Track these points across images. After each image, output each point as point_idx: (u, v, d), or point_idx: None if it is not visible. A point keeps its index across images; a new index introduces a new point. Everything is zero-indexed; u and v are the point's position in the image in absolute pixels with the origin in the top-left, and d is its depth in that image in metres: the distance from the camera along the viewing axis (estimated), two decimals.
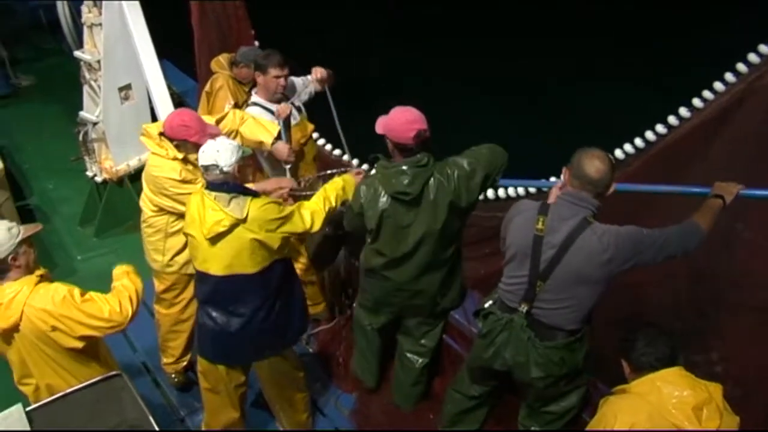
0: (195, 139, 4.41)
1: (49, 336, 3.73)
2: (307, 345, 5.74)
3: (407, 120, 3.99)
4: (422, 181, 4.01)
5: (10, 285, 3.70)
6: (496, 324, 3.95)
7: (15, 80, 11.02)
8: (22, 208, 7.52)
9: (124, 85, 6.87)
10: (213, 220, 3.86)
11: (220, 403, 4.50)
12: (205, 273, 4.04)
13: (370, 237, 4.26)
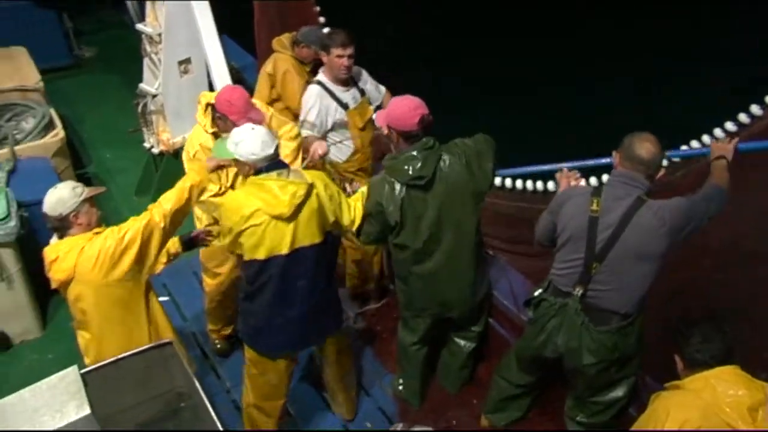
0: (234, 118, 4.47)
1: (103, 284, 3.87)
2: (355, 323, 5.77)
3: (410, 107, 4.05)
4: (433, 162, 4.06)
5: (67, 240, 3.87)
6: (548, 310, 3.95)
7: (78, 51, 11.26)
8: (80, 176, 7.66)
9: (183, 59, 6.94)
10: (290, 194, 3.84)
11: (270, 389, 4.51)
12: (273, 257, 3.95)
13: (393, 233, 4.26)
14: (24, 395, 3.28)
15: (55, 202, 3.85)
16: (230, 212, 3.90)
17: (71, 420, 3.14)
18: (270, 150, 3.88)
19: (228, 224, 3.91)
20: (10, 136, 6.76)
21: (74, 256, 3.83)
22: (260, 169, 3.91)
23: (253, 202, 3.85)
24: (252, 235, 3.90)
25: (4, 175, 6.08)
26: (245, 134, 3.89)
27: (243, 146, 3.87)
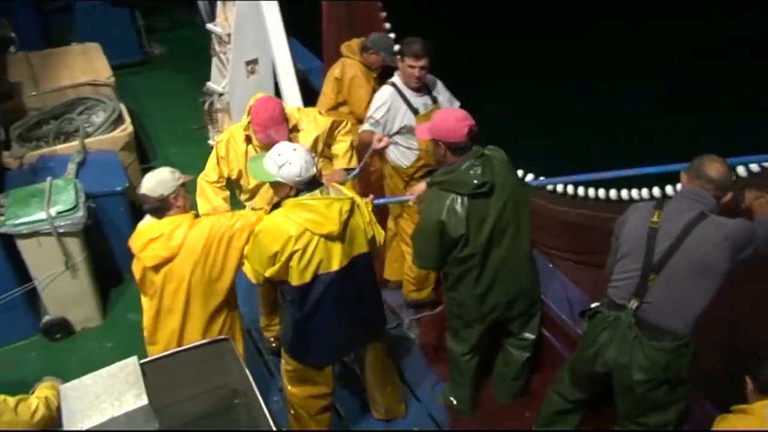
0: (254, 128, 4.58)
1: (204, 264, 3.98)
2: (409, 330, 5.77)
3: (457, 119, 4.08)
4: (490, 168, 4.11)
5: (170, 219, 4.00)
6: (601, 322, 3.91)
7: (149, 49, 11.53)
8: (146, 171, 7.79)
9: (251, 60, 7.06)
10: (337, 211, 3.84)
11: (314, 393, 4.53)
12: (323, 275, 3.94)
13: (459, 247, 4.24)
14: (85, 381, 3.36)
15: (156, 184, 3.99)
16: (274, 238, 3.84)
17: (129, 409, 3.19)
18: (312, 170, 3.87)
19: (273, 250, 3.85)
20: (81, 128, 6.94)
21: (182, 233, 3.95)
22: (300, 190, 3.89)
23: (298, 224, 3.82)
24: (302, 257, 3.86)
25: (74, 166, 6.25)
26: (289, 156, 3.83)
27: (287, 169, 3.82)
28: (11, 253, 5.64)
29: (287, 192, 3.93)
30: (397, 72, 5.43)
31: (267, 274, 3.94)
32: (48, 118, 7.34)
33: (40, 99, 7.76)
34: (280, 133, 4.52)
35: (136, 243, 4.02)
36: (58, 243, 5.57)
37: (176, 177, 4.06)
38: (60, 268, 5.69)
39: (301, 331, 4.19)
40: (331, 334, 4.19)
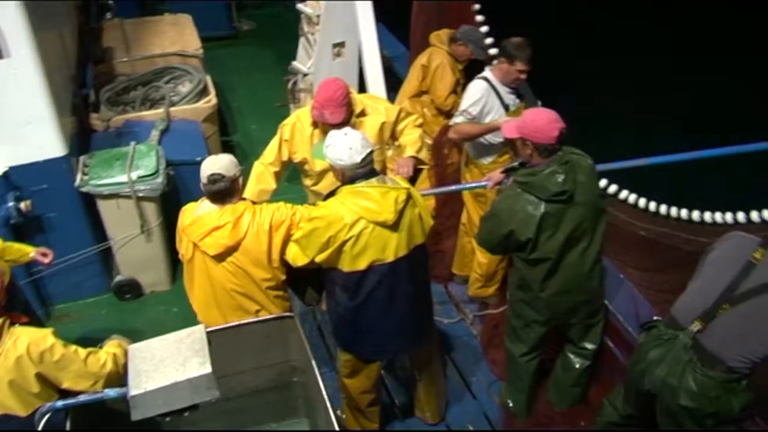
0: (313, 104, 4.62)
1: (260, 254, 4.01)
2: (471, 326, 5.75)
3: (549, 120, 4.01)
4: (572, 176, 4.03)
5: (233, 208, 3.99)
6: (656, 338, 3.78)
7: (237, 24, 11.66)
8: (225, 143, 7.96)
9: (338, 42, 7.07)
10: (393, 199, 3.85)
11: (363, 386, 4.54)
12: (376, 266, 3.94)
13: (527, 249, 4.19)
14: (153, 344, 3.44)
15: (229, 163, 3.99)
16: (329, 224, 3.84)
17: (192, 375, 3.26)
18: (357, 158, 3.83)
19: (327, 235, 3.84)
20: (167, 97, 7.08)
21: (247, 222, 3.97)
22: (356, 177, 3.89)
23: (354, 211, 3.83)
24: (356, 245, 3.86)
25: (158, 133, 6.38)
26: (336, 139, 3.88)
27: (331, 151, 3.87)
28: (91, 212, 5.81)
29: (338, 176, 3.98)
30: (489, 67, 5.39)
31: (318, 259, 3.94)
32: (136, 84, 7.51)
33: (130, 65, 7.95)
34: (335, 115, 4.54)
35: (196, 230, 3.99)
36: (136, 206, 5.72)
37: (235, 162, 4.06)
38: (135, 230, 5.84)
39: (351, 321, 4.19)
40: (381, 328, 4.18)
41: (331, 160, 3.89)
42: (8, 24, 4.93)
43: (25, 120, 5.28)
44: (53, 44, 6.09)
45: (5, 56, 5.02)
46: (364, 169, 3.88)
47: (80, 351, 3.49)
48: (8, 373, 3.31)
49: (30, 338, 3.36)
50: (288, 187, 5.97)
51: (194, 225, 4.00)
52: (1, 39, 4.94)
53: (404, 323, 4.21)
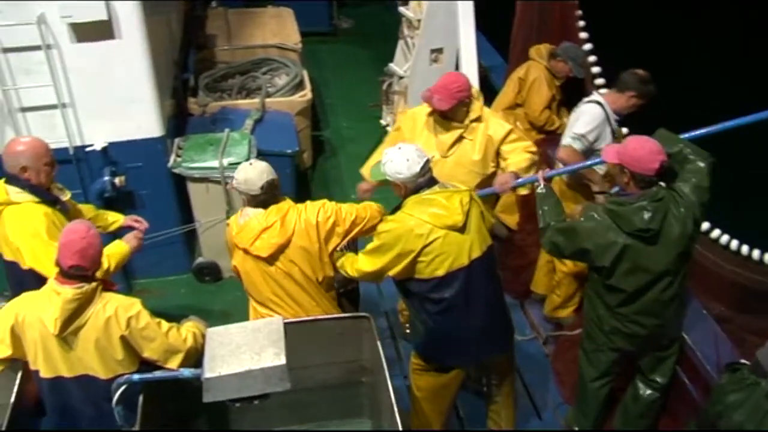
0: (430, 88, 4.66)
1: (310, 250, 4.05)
2: (544, 345, 5.67)
3: (652, 150, 3.88)
4: (661, 216, 3.90)
5: (277, 207, 4.06)
6: (738, 381, 3.63)
7: (337, 21, 11.79)
8: (316, 138, 8.06)
9: (436, 48, 7.08)
10: (458, 201, 3.84)
11: (437, 395, 4.49)
12: (455, 271, 3.91)
13: (602, 275, 4.12)
14: (231, 329, 3.52)
15: (268, 168, 4.08)
16: (398, 236, 3.84)
17: (266, 365, 3.31)
18: (416, 167, 3.82)
19: (397, 250, 3.84)
20: (264, 88, 7.21)
21: (294, 218, 4.03)
22: (418, 188, 3.88)
23: (423, 220, 3.82)
24: (430, 253, 3.85)
25: (252, 122, 6.50)
26: (391, 155, 3.89)
27: (389, 167, 3.87)
28: (180, 193, 5.96)
29: (400, 191, 3.97)
30: (601, 93, 5.29)
31: (391, 273, 3.95)
32: (234, 72, 7.69)
33: (230, 53, 8.16)
34: (442, 102, 4.62)
35: (245, 236, 4.03)
36: (225, 192, 5.84)
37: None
38: (221, 215, 5.95)
39: (432, 329, 4.15)
40: (463, 334, 4.14)
41: (391, 176, 3.90)
42: (123, 7, 5.11)
43: (129, 99, 5.46)
44: (161, 29, 6.28)
45: (116, 37, 5.20)
46: (425, 178, 3.89)
47: (163, 324, 3.59)
48: (96, 333, 3.42)
49: (119, 303, 3.47)
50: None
51: (242, 232, 4.05)
52: (115, 21, 5.11)
53: (485, 327, 4.17)
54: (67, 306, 3.32)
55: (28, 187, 4.10)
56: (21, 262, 4.13)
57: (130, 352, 3.53)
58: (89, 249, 3.36)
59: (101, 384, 3.54)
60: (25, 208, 4.09)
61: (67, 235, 3.40)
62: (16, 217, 4.08)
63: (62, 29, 5.12)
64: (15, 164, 4.09)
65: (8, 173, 4.13)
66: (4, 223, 4.11)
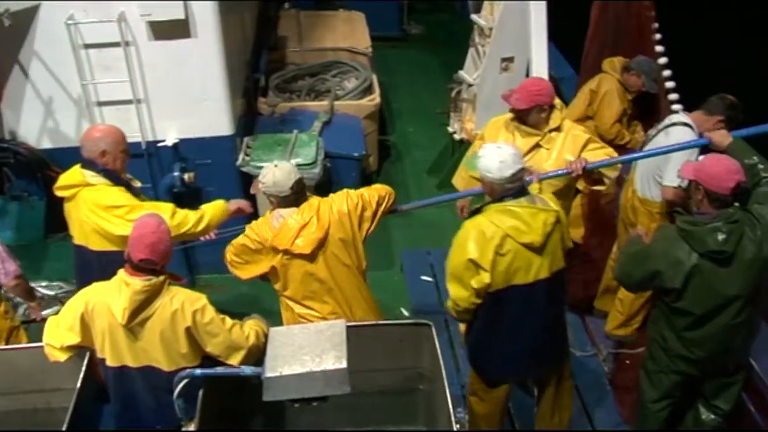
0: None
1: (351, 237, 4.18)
2: (604, 362, 5.58)
3: (729, 169, 3.78)
4: (736, 238, 3.79)
5: (309, 204, 4.14)
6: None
7: (407, 26, 11.85)
8: (381, 143, 8.08)
9: (507, 57, 7.03)
10: (542, 222, 3.77)
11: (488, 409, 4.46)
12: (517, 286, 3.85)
13: (671, 296, 4.02)
14: (294, 330, 3.55)
15: (293, 167, 4.16)
16: (475, 243, 3.78)
17: (327, 368, 3.31)
18: (507, 172, 3.72)
19: (472, 255, 3.77)
20: (333, 90, 7.27)
21: (328, 210, 4.13)
22: (505, 195, 3.79)
23: (501, 229, 3.75)
24: (499, 264, 3.78)
25: (320, 124, 6.56)
26: (488, 150, 3.81)
27: (482, 162, 3.79)
28: (247, 191, 6.01)
29: (486, 190, 3.92)
30: (688, 113, 5.14)
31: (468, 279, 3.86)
32: (304, 74, 7.78)
33: (300, 55, 8.25)
34: (519, 101, 4.59)
35: (284, 237, 4.07)
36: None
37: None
38: None
39: (482, 341, 4.14)
40: (510, 350, 4.09)
41: (481, 172, 3.83)
42: (200, 7, 5.21)
43: (201, 97, 5.57)
44: (235, 29, 6.38)
45: (192, 36, 5.30)
46: (514, 186, 3.79)
47: (227, 320, 3.63)
48: (162, 325, 3.48)
49: (186, 297, 3.53)
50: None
51: (280, 234, 4.08)
52: (192, 20, 5.21)
53: (534, 347, 4.11)
54: (136, 297, 3.39)
55: (103, 171, 4.21)
56: (90, 245, 4.27)
57: (194, 347, 3.58)
58: (159, 244, 3.42)
59: (164, 376, 3.59)
60: (102, 188, 4.21)
61: (139, 228, 3.47)
62: (94, 196, 4.20)
63: (141, 27, 5.25)
64: (95, 149, 4.20)
65: (86, 158, 4.23)
66: (79, 205, 4.23)
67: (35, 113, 5.59)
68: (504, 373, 4.28)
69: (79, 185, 4.20)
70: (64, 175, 4.27)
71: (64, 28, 5.14)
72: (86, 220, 4.21)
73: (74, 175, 4.22)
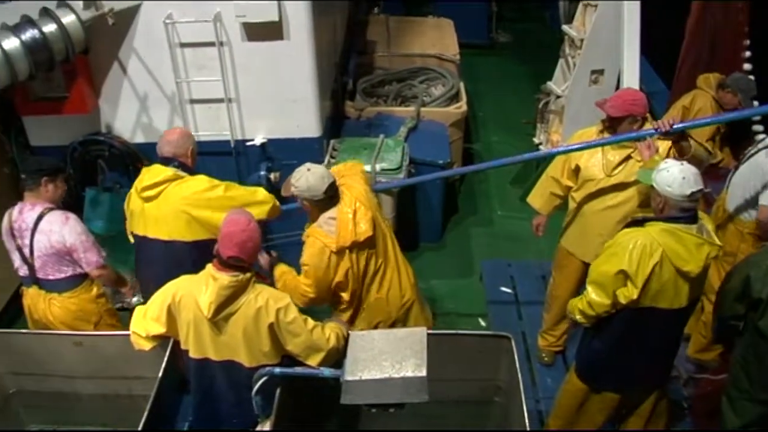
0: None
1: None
2: (684, 386, 5.42)
3: None
4: None
5: (345, 195, 4.18)
6: None
7: (494, 35, 11.79)
8: (466, 151, 8.05)
9: (597, 69, 6.91)
10: (705, 254, 3.68)
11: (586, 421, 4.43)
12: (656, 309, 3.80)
13: (758, 312, 3.94)
14: (374, 335, 3.57)
15: (325, 170, 4.18)
16: (637, 255, 3.70)
17: (407, 375, 3.32)
18: (687, 190, 3.62)
19: (624, 266, 3.72)
20: (420, 97, 7.27)
21: (361, 195, 4.21)
22: (677, 216, 3.70)
23: (662, 249, 3.67)
24: (652, 283, 3.72)
25: (406, 130, 6.58)
26: (672, 164, 3.72)
27: (663, 175, 3.70)
28: None
29: (657, 204, 3.79)
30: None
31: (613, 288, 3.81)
32: (392, 79, 7.81)
33: (388, 60, 8.29)
34: (613, 108, 4.49)
35: (346, 233, 4.10)
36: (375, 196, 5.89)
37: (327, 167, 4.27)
38: None
39: (604, 353, 4.09)
40: (632, 367, 4.09)
41: (659, 185, 3.73)
42: (293, 10, 5.27)
43: (291, 98, 5.63)
44: (326, 32, 6.44)
45: (285, 38, 5.37)
46: (689, 206, 3.69)
47: (309, 321, 3.65)
48: (245, 321, 3.53)
49: (270, 295, 3.57)
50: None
51: (341, 232, 4.11)
52: (285, 22, 5.28)
53: (653, 365, 4.14)
54: (222, 292, 3.44)
55: (181, 166, 4.36)
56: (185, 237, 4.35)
57: (275, 344, 3.62)
58: (248, 242, 3.47)
59: (244, 371, 3.64)
60: (189, 178, 4.36)
61: (228, 225, 3.52)
62: (188, 186, 4.33)
63: (235, 28, 5.34)
64: (184, 146, 4.38)
65: (166, 156, 4.37)
66: (169, 199, 4.34)
67: (130, 109, 5.75)
68: (616, 386, 4.25)
69: (168, 180, 4.31)
70: (147, 175, 4.36)
71: (163, 27, 5.28)
72: (183, 209, 4.30)
73: (162, 172, 4.33)
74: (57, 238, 4.34)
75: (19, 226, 4.39)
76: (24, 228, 4.37)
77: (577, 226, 4.85)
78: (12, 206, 4.48)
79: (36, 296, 4.50)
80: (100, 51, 5.38)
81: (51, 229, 4.34)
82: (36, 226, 4.35)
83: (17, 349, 4.42)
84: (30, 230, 4.35)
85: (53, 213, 4.39)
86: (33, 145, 5.83)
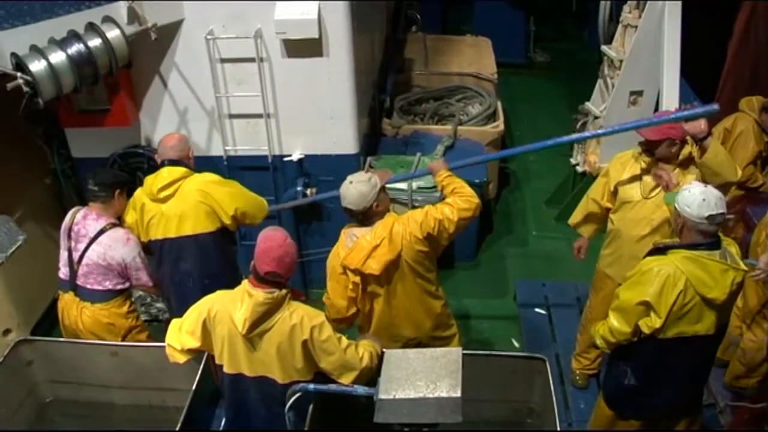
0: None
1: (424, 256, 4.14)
2: (721, 414, 5.32)
3: None
4: None
5: (383, 223, 4.08)
6: None
7: (532, 54, 11.78)
8: (501, 170, 8.02)
9: (636, 90, 6.86)
10: (730, 280, 3.64)
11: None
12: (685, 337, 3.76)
13: None
14: (409, 354, 3.55)
15: (358, 198, 4.03)
16: (661, 286, 3.66)
17: (441, 395, 3.30)
18: (705, 212, 3.57)
19: (647, 297, 3.68)
20: (457, 115, 7.28)
21: (401, 232, 4.05)
22: (698, 242, 3.66)
23: (685, 278, 3.63)
24: (675, 312, 3.68)
25: (442, 148, 6.58)
26: (694, 186, 3.69)
27: (684, 195, 3.67)
28: None
29: (676, 226, 3.78)
30: None
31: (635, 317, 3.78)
32: (429, 97, 7.82)
33: (426, 78, 8.31)
34: (649, 133, 4.44)
35: (356, 256, 4.05)
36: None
37: (374, 184, 4.08)
38: None
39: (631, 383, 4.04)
40: (659, 397, 4.03)
41: (679, 204, 3.70)
42: (333, 27, 5.31)
43: (329, 115, 5.65)
44: (365, 50, 6.47)
45: (324, 55, 5.41)
46: (708, 228, 3.63)
47: (343, 340, 3.65)
48: (280, 338, 3.54)
49: (305, 312, 3.58)
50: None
51: (352, 253, 4.07)
52: (325, 39, 5.32)
53: (680, 391, 4.07)
54: (258, 308, 3.46)
55: (186, 167, 4.58)
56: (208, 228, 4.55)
57: (309, 362, 3.62)
58: (286, 257, 3.49)
59: (278, 388, 3.65)
60: (201, 173, 4.62)
61: (265, 241, 3.53)
62: (202, 177, 4.58)
63: (275, 44, 5.38)
64: (185, 149, 4.64)
65: (175, 159, 4.56)
66: (185, 194, 4.51)
67: (170, 122, 5.81)
68: (642, 414, 4.20)
69: (183, 177, 4.51)
70: (160, 177, 4.51)
71: (204, 43, 5.34)
72: (202, 200, 4.50)
73: (175, 171, 4.52)
74: (114, 254, 4.47)
75: (78, 230, 4.51)
76: (82, 234, 4.49)
77: (614, 248, 4.82)
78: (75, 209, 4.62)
79: (70, 302, 4.58)
80: (142, 65, 5.45)
81: (110, 245, 4.48)
82: (96, 237, 4.47)
83: (55, 357, 4.49)
84: (89, 238, 4.48)
85: (117, 230, 4.54)
86: (74, 156, 5.92)
